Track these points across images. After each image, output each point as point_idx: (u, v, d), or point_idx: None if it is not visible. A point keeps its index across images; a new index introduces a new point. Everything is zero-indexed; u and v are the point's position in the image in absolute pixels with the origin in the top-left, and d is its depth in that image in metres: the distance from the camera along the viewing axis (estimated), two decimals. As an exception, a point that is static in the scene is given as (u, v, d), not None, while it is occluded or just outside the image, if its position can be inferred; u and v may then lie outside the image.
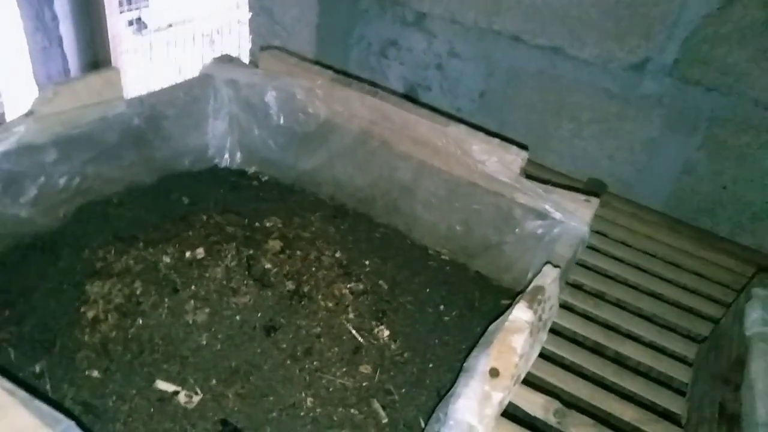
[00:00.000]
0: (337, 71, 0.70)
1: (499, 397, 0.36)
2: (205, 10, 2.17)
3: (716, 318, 0.70)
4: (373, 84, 0.75)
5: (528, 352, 0.39)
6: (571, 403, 0.58)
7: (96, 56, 1.80)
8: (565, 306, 0.69)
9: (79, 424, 0.27)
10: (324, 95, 0.67)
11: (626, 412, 0.58)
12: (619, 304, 0.71)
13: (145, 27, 2.09)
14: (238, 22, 1.64)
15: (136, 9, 2.02)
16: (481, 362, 0.38)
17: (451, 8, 0.99)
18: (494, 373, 0.37)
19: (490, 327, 0.41)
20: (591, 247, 0.80)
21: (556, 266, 0.45)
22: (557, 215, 0.57)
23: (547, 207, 0.58)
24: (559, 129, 0.97)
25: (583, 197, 0.57)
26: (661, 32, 0.84)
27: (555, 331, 0.66)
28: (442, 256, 0.66)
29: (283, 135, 0.72)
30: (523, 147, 0.60)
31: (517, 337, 0.38)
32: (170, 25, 2.23)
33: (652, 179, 0.93)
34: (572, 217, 0.57)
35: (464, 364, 0.39)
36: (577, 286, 0.73)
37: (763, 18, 0.76)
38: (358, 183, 0.70)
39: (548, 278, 0.43)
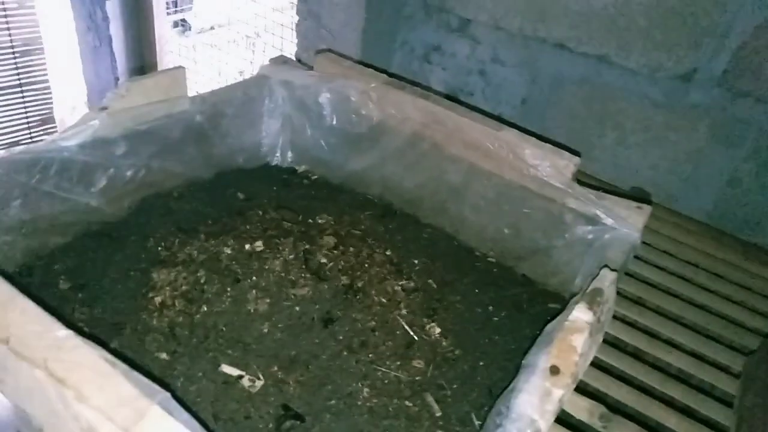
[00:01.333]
0: (390, 75, 0.72)
1: (559, 394, 0.37)
2: (246, 13, 2.22)
3: (762, 330, 0.69)
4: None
5: (587, 353, 0.40)
6: (616, 408, 0.59)
7: (142, 56, 1.86)
8: (614, 316, 0.69)
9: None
10: (377, 98, 0.69)
11: (670, 420, 0.58)
12: (662, 313, 0.71)
13: (189, 29, 2.15)
14: (282, 25, 1.67)
15: (181, 11, 2.08)
16: (542, 359, 0.39)
17: (496, 15, 1.00)
18: (555, 370, 0.38)
19: (547, 326, 0.42)
20: (637, 258, 0.80)
21: (613, 270, 0.46)
22: (609, 221, 0.58)
23: (598, 213, 0.58)
24: (602, 137, 0.97)
25: (635, 204, 0.58)
26: (710, 42, 0.83)
27: (604, 339, 0.66)
28: (489, 258, 0.67)
29: (335, 135, 0.74)
30: (576, 153, 0.61)
31: (578, 336, 0.39)
32: (212, 28, 2.29)
33: (696, 190, 0.92)
34: (624, 223, 0.57)
35: (524, 361, 0.40)
36: (620, 294, 0.73)
37: (818, 30, 0.75)
38: (406, 184, 0.71)
39: (606, 281, 0.43)
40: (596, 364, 0.63)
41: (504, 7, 0.98)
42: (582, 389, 0.60)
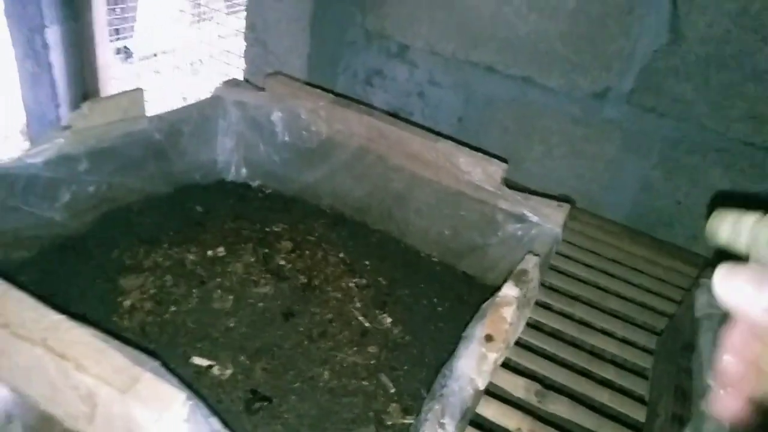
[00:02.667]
0: (336, 95, 0.78)
1: (493, 357, 0.44)
2: (188, 41, 2.25)
3: (673, 314, 0.79)
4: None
5: (516, 323, 0.47)
6: (550, 385, 0.66)
7: (85, 83, 1.85)
8: (543, 305, 0.78)
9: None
10: (326, 115, 0.75)
11: (596, 392, 0.66)
12: (590, 304, 0.80)
13: (131, 56, 2.16)
14: (227, 51, 1.72)
15: (124, 38, 2.09)
16: (478, 329, 0.45)
17: (432, 41, 1.08)
18: (489, 338, 0.45)
19: (484, 304, 0.48)
20: (564, 255, 0.89)
21: (536, 254, 0.53)
22: (534, 218, 0.66)
23: (525, 212, 0.66)
24: (531, 151, 1.07)
25: (556, 203, 0.66)
26: (618, 65, 0.95)
27: (535, 326, 0.74)
28: (432, 258, 0.74)
29: (287, 151, 0.79)
30: (504, 160, 0.69)
31: (507, 309, 0.46)
32: (155, 55, 2.30)
33: (615, 195, 1.03)
34: (547, 220, 0.65)
35: (463, 333, 0.46)
36: (553, 289, 0.81)
37: (704, 53, 0.88)
38: (355, 194, 0.77)
39: (530, 263, 0.51)
40: (534, 350, 0.70)
41: (438, 33, 1.07)
42: (519, 370, 0.67)
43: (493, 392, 0.63)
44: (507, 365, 0.67)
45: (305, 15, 1.11)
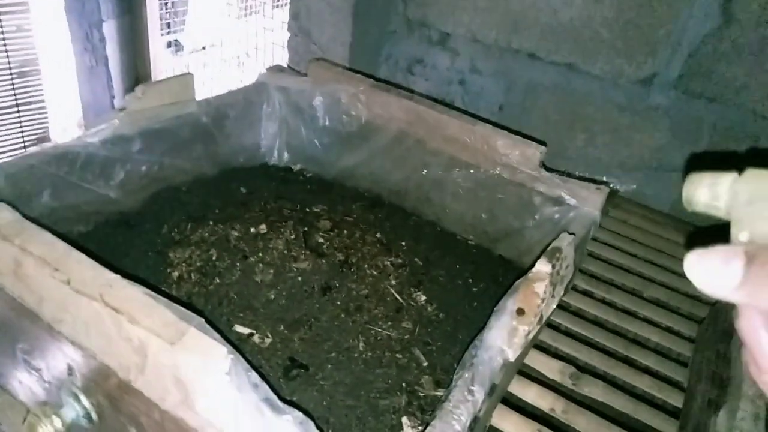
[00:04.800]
0: (377, 80, 0.80)
1: (524, 330, 0.44)
2: (235, 34, 2.31)
3: (711, 301, 0.77)
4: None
5: (548, 298, 0.47)
6: (586, 369, 0.66)
7: (137, 75, 1.93)
8: (585, 292, 0.77)
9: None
10: (366, 99, 0.76)
11: (632, 377, 0.66)
12: (632, 291, 0.79)
13: (182, 49, 2.23)
14: (272, 43, 1.76)
15: (174, 32, 2.16)
16: (510, 303, 0.46)
17: (473, 29, 1.08)
18: (520, 312, 0.45)
19: (517, 281, 0.49)
20: (607, 244, 0.88)
21: (571, 233, 0.53)
22: (572, 201, 0.65)
23: (563, 194, 0.66)
24: (574, 139, 1.06)
25: (594, 186, 0.65)
26: (665, 50, 0.92)
27: (576, 313, 0.73)
28: (469, 242, 0.75)
29: (328, 135, 0.81)
30: (542, 143, 0.69)
31: (539, 284, 0.46)
32: (204, 48, 2.37)
33: (660, 184, 1.01)
34: (585, 202, 0.65)
35: (495, 307, 0.47)
36: (595, 277, 0.81)
37: (757, 36, 0.85)
38: (393, 177, 0.78)
39: (564, 242, 0.51)
40: (572, 335, 0.70)
41: (480, 20, 1.07)
42: (556, 354, 0.67)
43: (527, 373, 0.63)
44: (545, 349, 0.67)
45: (348, 4, 1.13)
